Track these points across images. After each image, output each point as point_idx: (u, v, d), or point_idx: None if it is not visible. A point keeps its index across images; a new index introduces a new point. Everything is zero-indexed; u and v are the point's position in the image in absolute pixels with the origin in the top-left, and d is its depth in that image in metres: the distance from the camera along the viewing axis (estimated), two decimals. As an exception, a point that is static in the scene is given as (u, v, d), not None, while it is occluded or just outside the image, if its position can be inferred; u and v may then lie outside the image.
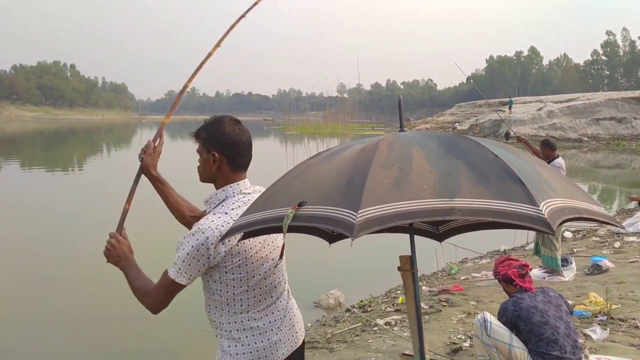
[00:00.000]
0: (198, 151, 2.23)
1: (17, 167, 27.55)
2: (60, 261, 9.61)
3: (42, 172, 24.97)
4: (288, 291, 2.36)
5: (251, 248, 2.13)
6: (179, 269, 2.04)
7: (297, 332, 2.33)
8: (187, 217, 2.54)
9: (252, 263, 2.13)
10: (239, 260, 2.09)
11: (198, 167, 2.25)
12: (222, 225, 2.04)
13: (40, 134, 63.28)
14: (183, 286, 2.07)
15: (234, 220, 2.04)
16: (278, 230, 1.77)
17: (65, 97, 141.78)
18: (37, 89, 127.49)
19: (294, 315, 2.35)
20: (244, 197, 2.18)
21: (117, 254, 2.24)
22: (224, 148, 2.16)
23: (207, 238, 2.01)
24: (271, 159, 26.84)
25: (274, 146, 46.49)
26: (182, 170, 4.93)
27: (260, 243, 2.16)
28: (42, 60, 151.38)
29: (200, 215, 2.37)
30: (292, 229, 1.69)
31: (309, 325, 6.35)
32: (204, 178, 2.25)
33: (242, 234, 1.98)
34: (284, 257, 2.26)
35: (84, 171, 26.38)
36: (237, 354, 2.13)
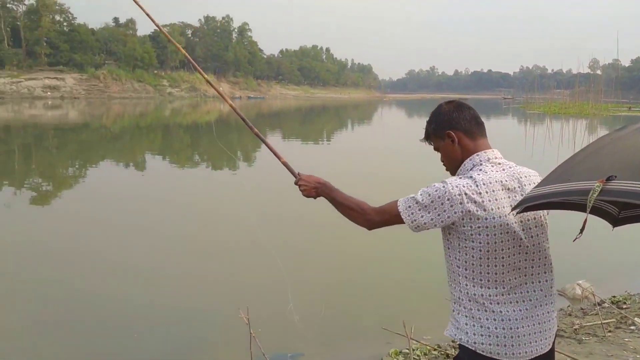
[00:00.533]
0: (436, 148, 2.23)
1: (279, 138, 30.85)
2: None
3: (297, 142, 27.66)
4: (547, 283, 2.09)
5: (494, 218, 1.96)
6: (409, 206, 2.03)
7: (548, 336, 2.07)
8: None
9: (495, 235, 1.96)
10: (479, 228, 1.95)
11: (443, 163, 2.24)
12: (464, 186, 1.96)
13: (298, 110, 69.64)
14: (402, 221, 2.06)
15: (477, 185, 1.96)
16: (572, 207, 1.77)
17: (320, 77, 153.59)
18: (297, 70, 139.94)
19: (549, 315, 2.08)
20: (492, 166, 2.06)
21: (312, 186, 2.38)
22: (453, 123, 2.14)
23: (446, 192, 1.96)
24: (508, 139, 25.54)
25: (511, 125, 43.93)
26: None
27: (507, 212, 1.98)
28: (303, 45, 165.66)
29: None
30: (574, 207, 1.63)
31: (553, 312, 5.94)
32: (453, 167, 2.19)
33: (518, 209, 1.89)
34: (543, 242, 2.08)
35: (331, 143, 28.31)
36: (474, 334, 2.00)
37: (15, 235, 9.34)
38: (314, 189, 2.38)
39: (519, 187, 2.03)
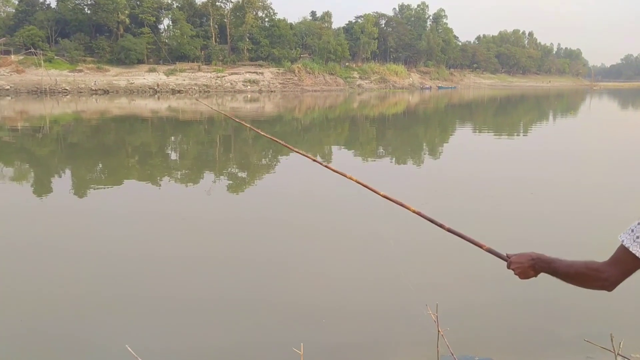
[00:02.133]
0: None
1: (469, 130, 29.93)
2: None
3: (490, 135, 26.49)
4: None
5: None
6: (637, 237, 1.71)
7: None
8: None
9: None
10: None
11: None
12: None
13: (492, 100, 66.74)
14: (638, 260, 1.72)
15: None
16: None
17: (520, 64, 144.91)
18: (495, 57, 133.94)
19: None
20: None
21: (527, 265, 2.05)
22: None
23: None
24: None
25: None
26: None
27: None
28: (503, 29, 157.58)
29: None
30: None
31: None
32: None
33: None
34: None
35: (528, 136, 26.65)
36: None
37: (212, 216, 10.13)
38: (530, 268, 2.06)
39: None
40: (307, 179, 14.32)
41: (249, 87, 70.23)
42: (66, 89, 56.11)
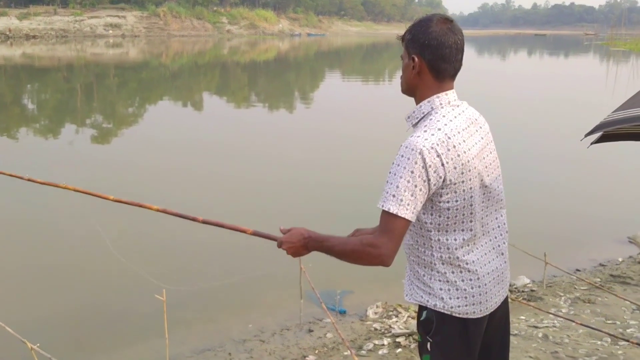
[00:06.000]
0: (401, 57, 1.92)
1: (339, 76, 30.70)
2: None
3: (357, 82, 27.42)
4: (505, 226, 1.98)
5: (470, 170, 1.77)
6: (401, 200, 1.69)
7: (507, 279, 2.01)
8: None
9: (472, 188, 1.79)
10: (456, 184, 1.75)
11: (400, 76, 1.93)
12: (438, 144, 1.70)
13: (359, 47, 68.34)
14: (409, 222, 1.71)
15: (449, 137, 1.73)
16: None
17: (385, 12, 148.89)
18: (361, 5, 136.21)
19: (507, 258, 1.99)
20: (453, 109, 1.83)
21: (299, 245, 1.94)
22: (425, 50, 1.80)
23: (425, 159, 1.69)
24: (585, 78, 24.13)
25: (590, 64, 41.75)
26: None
27: (480, 151, 1.83)
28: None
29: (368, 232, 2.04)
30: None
31: (620, 259, 6.05)
32: (404, 88, 1.93)
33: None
34: (500, 171, 1.93)
35: (392, 83, 27.93)
36: (450, 298, 1.84)
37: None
38: (303, 247, 1.93)
39: (478, 129, 1.87)
40: (170, 128, 14.02)
41: (110, 31, 65.87)
42: None
